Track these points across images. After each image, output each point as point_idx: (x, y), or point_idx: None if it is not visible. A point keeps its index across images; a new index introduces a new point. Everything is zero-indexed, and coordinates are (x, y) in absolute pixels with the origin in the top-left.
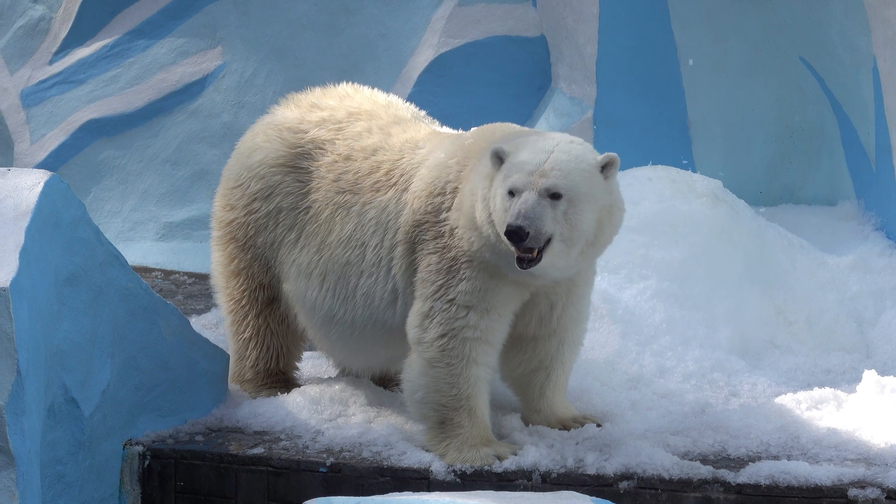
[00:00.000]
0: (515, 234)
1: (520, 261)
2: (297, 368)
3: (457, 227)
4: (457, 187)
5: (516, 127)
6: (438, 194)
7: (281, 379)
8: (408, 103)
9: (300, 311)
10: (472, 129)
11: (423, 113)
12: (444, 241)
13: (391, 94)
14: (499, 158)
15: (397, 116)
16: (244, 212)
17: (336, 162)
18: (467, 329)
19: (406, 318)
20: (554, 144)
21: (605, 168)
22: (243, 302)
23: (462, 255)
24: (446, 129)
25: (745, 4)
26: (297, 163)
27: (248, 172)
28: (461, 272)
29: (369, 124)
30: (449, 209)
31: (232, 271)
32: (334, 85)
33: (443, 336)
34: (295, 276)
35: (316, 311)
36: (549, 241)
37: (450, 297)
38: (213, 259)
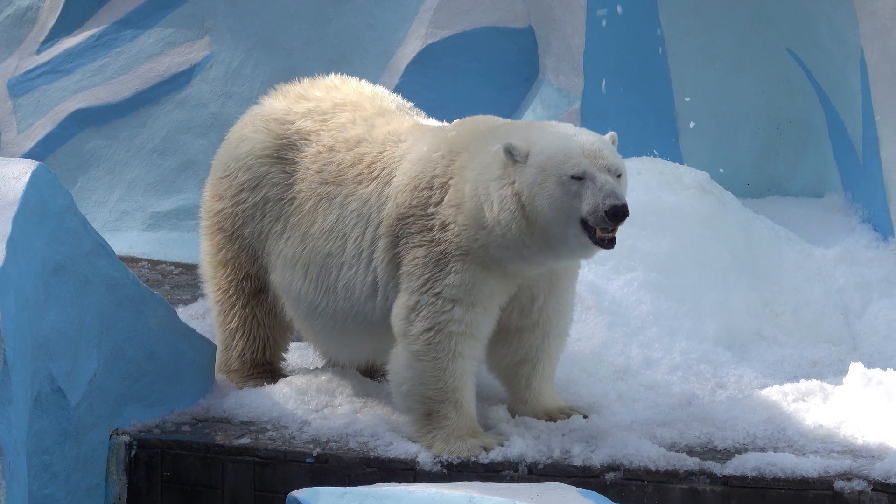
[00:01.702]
0: (621, 212)
1: (601, 241)
2: (283, 359)
3: (451, 223)
4: (446, 182)
5: (499, 119)
6: (424, 188)
7: (267, 369)
8: (394, 94)
9: (286, 302)
10: (455, 121)
11: (409, 104)
12: (432, 234)
13: (378, 86)
14: (512, 154)
15: (382, 108)
16: (232, 202)
17: (320, 153)
18: (453, 323)
19: (386, 311)
20: (566, 128)
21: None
22: (230, 292)
23: (454, 249)
24: (431, 121)
25: None
26: (284, 154)
27: (236, 163)
28: (450, 265)
29: (354, 115)
30: (438, 203)
31: (219, 261)
32: (322, 76)
33: (429, 330)
34: (281, 267)
35: (300, 302)
36: None
37: (436, 290)
38: (202, 248)
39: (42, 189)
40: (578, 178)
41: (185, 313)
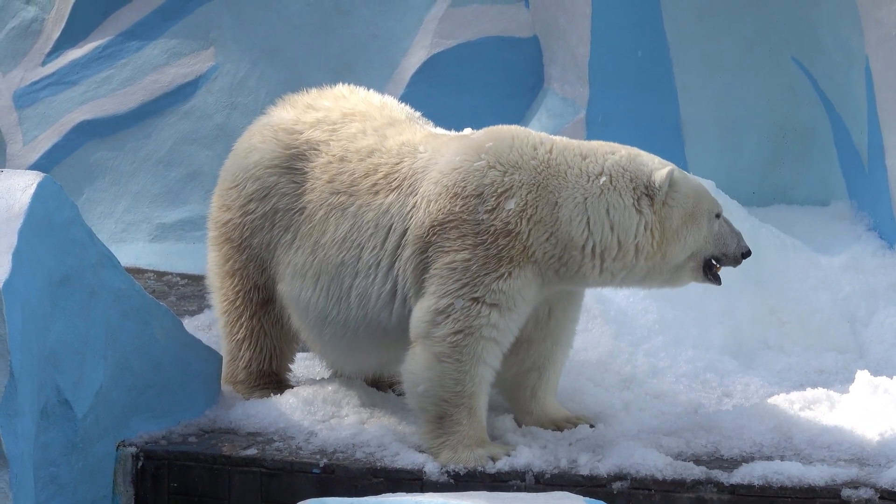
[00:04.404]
0: (749, 254)
1: (717, 277)
2: (289, 370)
3: (520, 232)
4: (505, 191)
5: (530, 131)
6: (471, 196)
7: (274, 380)
8: (402, 104)
9: (293, 312)
10: (481, 130)
11: (417, 114)
12: (480, 238)
13: (386, 95)
14: (670, 186)
15: (391, 118)
16: (240, 212)
17: (331, 163)
18: (486, 328)
19: (402, 318)
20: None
21: None
22: (238, 303)
23: (518, 255)
24: (440, 131)
25: (737, 4)
26: (293, 164)
27: (245, 173)
28: (502, 269)
29: (363, 126)
30: (492, 210)
31: (227, 272)
32: (329, 86)
33: (458, 332)
34: (290, 277)
35: (309, 312)
36: None
37: (475, 294)
38: (209, 259)
39: (48, 201)
40: (718, 216)
41: (191, 324)
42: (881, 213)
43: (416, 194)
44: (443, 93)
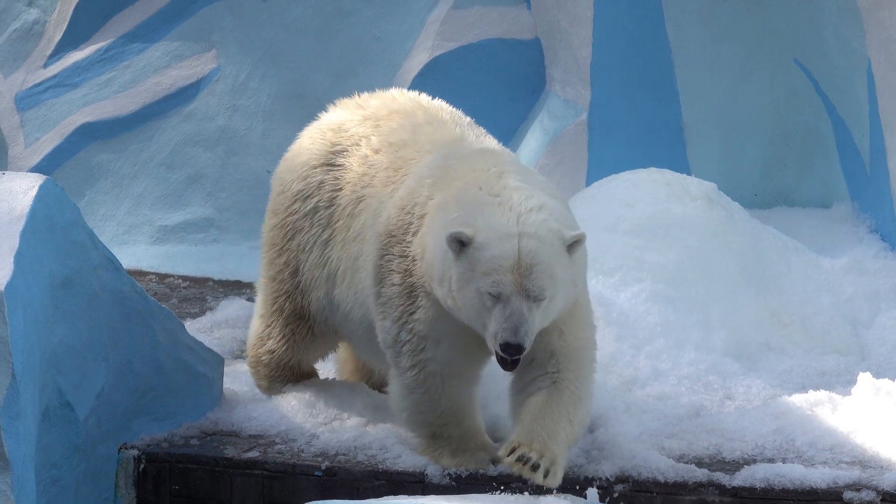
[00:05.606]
0: (515, 349)
1: (503, 362)
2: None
3: (418, 259)
4: (423, 214)
5: (509, 160)
6: (408, 213)
7: (297, 373)
8: (454, 108)
9: (327, 309)
10: (464, 150)
11: (467, 119)
12: (406, 262)
13: (438, 99)
14: (460, 243)
15: (435, 117)
16: (285, 214)
17: (367, 156)
18: (430, 362)
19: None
20: (516, 220)
21: (571, 247)
22: (279, 297)
23: (420, 283)
24: (489, 140)
25: (739, 7)
26: (335, 160)
27: (291, 174)
28: (419, 300)
29: (404, 121)
30: (415, 233)
31: (271, 276)
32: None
33: (413, 367)
34: (326, 276)
35: (337, 308)
36: None
37: (410, 325)
38: (261, 258)
39: (49, 203)
40: (495, 296)
41: (193, 327)
42: (883, 216)
43: (393, 196)
44: (445, 95)
